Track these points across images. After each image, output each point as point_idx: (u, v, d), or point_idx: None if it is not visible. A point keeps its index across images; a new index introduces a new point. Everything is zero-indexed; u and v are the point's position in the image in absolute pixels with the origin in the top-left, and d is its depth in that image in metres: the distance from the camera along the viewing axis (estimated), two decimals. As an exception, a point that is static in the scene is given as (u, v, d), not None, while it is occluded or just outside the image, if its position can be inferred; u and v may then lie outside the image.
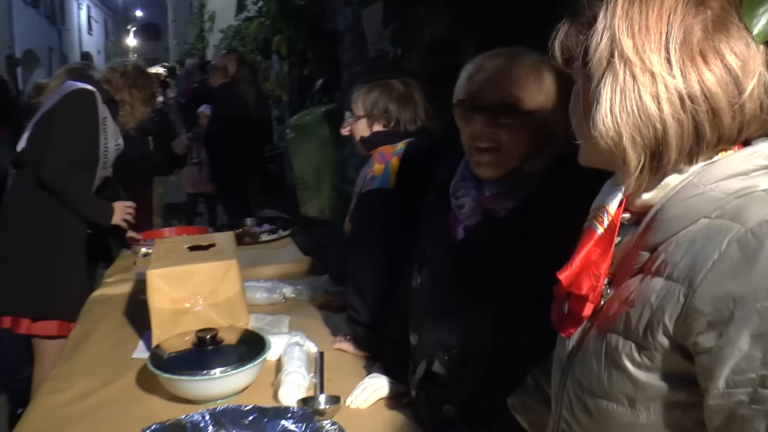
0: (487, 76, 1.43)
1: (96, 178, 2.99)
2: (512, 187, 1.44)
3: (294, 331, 2.13)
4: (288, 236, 3.45)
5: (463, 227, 1.52)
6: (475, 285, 1.46)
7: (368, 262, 2.02)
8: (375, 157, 2.16)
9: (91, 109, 2.88)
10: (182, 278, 2.02)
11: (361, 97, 2.19)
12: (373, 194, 2.08)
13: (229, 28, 12.45)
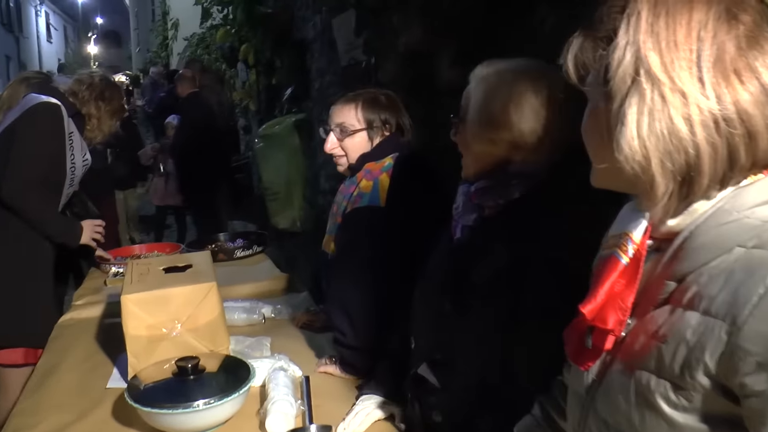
0: (473, 86, 1.50)
1: (63, 196, 2.85)
2: (495, 185, 1.45)
3: (276, 354, 2.05)
4: (262, 251, 3.36)
5: (460, 228, 1.53)
6: (463, 290, 1.44)
7: (357, 283, 1.94)
8: (360, 174, 2.09)
9: (57, 125, 2.71)
10: (159, 303, 1.92)
11: (353, 110, 2.10)
12: (362, 212, 2.00)
13: (193, 36, 12.34)
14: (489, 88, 1.44)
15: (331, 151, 2.15)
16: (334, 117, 2.14)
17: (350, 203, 2.06)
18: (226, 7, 7.02)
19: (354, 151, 2.11)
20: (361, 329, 1.92)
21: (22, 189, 2.62)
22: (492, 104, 1.42)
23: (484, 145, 1.46)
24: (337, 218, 2.14)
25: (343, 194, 2.16)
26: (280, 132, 5.39)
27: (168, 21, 14.82)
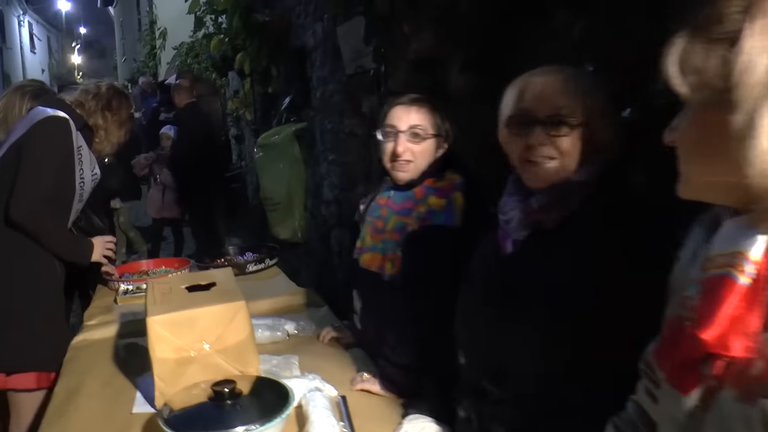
0: (539, 90, 1.46)
1: (72, 212, 2.78)
2: (559, 198, 1.43)
3: (307, 373, 1.99)
4: (275, 265, 3.29)
5: (511, 241, 1.51)
6: (523, 299, 1.42)
7: (419, 301, 1.87)
8: (420, 191, 2.01)
9: (65, 140, 2.63)
10: (186, 324, 1.86)
11: (429, 114, 2.03)
12: (436, 231, 1.91)
13: (181, 45, 12.23)
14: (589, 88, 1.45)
15: (403, 155, 2.01)
16: (405, 119, 2.02)
17: (415, 220, 1.97)
18: (219, 15, 6.93)
19: (422, 159, 2.02)
20: (414, 348, 1.86)
21: (32, 209, 2.53)
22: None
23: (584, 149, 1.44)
24: (391, 235, 2.04)
25: (394, 210, 2.07)
26: (279, 141, 5.32)
27: (156, 30, 14.69)
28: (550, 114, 1.43)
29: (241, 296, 1.95)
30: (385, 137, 2.06)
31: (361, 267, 2.13)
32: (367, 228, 2.18)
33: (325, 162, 4.78)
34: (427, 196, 1.99)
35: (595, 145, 1.44)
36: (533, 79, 1.49)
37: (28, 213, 2.53)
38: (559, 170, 1.44)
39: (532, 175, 1.48)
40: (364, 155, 4.03)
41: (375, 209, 2.18)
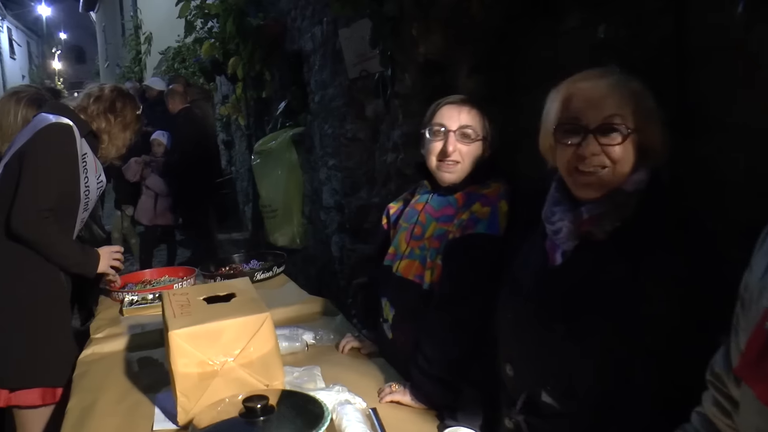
0: (587, 96, 1.43)
1: (77, 221, 2.68)
2: (611, 208, 1.40)
3: (333, 385, 1.93)
4: (282, 272, 3.23)
5: (560, 252, 1.48)
6: (578, 311, 1.39)
7: (464, 313, 1.83)
8: (462, 197, 1.97)
9: (69, 148, 2.54)
10: (210, 337, 1.80)
11: (480, 116, 2.00)
12: (480, 239, 1.86)
13: (167, 49, 12.13)
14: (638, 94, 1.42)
15: (452, 154, 1.97)
16: (455, 118, 1.99)
17: (458, 227, 1.92)
18: (210, 20, 6.86)
19: (469, 161, 1.98)
20: (453, 360, 1.81)
21: (35, 220, 2.44)
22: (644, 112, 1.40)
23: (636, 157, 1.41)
24: (431, 242, 1.98)
25: (433, 216, 2.02)
26: (276, 147, 5.26)
27: (141, 35, 14.57)
28: (601, 122, 1.40)
29: (265, 308, 1.90)
30: (433, 136, 2.01)
31: (395, 275, 2.07)
32: (402, 234, 2.12)
33: (324, 167, 4.72)
34: (470, 202, 1.94)
35: (646, 152, 1.41)
36: (579, 84, 1.45)
37: (29, 224, 2.44)
38: (611, 179, 1.41)
39: (583, 184, 1.45)
40: (367, 160, 3.98)
41: (411, 215, 2.12)
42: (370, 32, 3.23)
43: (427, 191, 2.11)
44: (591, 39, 2.18)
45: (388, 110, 3.49)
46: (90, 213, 2.94)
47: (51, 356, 2.52)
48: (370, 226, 4.03)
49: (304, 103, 5.24)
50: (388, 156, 3.59)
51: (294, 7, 5.22)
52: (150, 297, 2.96)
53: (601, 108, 1.40)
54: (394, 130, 3.47)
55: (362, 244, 4.16)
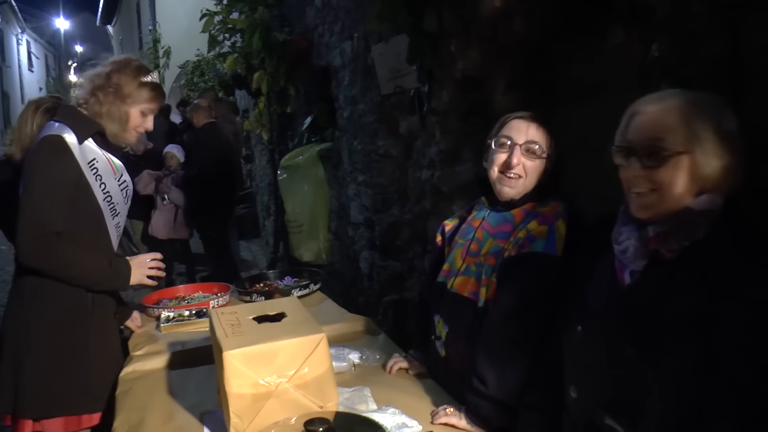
0: (642, 119, 1.43)
1: (111, 229, 2.49)
2: (678, 227, 1.38)
3: (386, 407, 1.91)
4: (319, 290, 3.20)
5: (629, 272, 1.47)
6: (649, 333, 1.36)
7: (520, 334, 1.81)
8: (519, 214, 1.96)
9: (62, 161, 2.30)
10: (265, 358, 1.78)
11: (547, 133, 1.99)
12: (536, 259, 1.84)
13: (186, 63, 12.21)
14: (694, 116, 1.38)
15: (516, 167, 1.96)
16: (523, 133, 1.98)
17: (514, 245, 1.90)
18: (234, 34, 6.89)
19: (531, 177, 1.98)
20: (510, 382, 1.79)
21: (42, 249, 2.29)
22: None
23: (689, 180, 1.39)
24: (486, 259, 1.97)
25: (490, 233, 2.01)
26: (303, 162, 5.25)
27: (159, 49, 14.66)
28: (645, 145, 1.40)
29: (320, 328, 1.88)
30: (499, 147, 2.01)
31: (449, 291, 2.05)
32: (458, 250, 2.10)
33: (353, 183, 4.70)
34: (527, 220, 1.92)
35: (705, 174, 1.38)
36: (640, 107, 1.45)
37: (32, 254, 2.29)
38: (660, 202, 1.40)
39: (634, 205, 1.45)
40: (399, 177, 3.96)
41: (468, 231, 2.11)
42: (407, 48, 3.21)
43: (484, 207, 2.10)
44: (636, 56, 2.17)
45: (424, 126, 3.47)
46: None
47: (73, 384, 2.40)
48: (402, 243, 4.00)
49: (331, 119, 5.24)
50: (422, 173, 3.56)
51: (321, 22, 5.22)
52: (186, 313, 2.93)
53: (649, 131, 1.40)
54: (431, 146, 3.45)
55: (393, 261, 4.14)
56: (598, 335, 1.47)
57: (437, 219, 3.00)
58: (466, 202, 2.19)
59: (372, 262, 4.50)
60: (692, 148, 1.36)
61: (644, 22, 2.10)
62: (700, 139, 1.36)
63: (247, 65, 6.57)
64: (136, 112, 2.49)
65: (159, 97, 2.54)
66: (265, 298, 2.97)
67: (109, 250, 2.51)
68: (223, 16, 6.72)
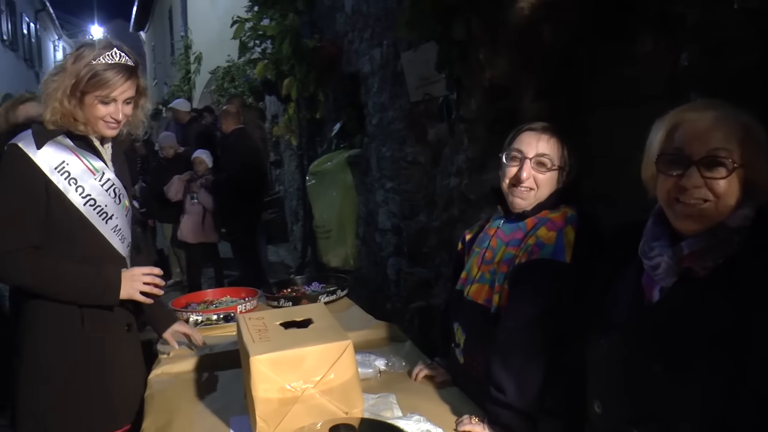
0: (694, 128, 1.40)
1: (109, 234, 2.26)
2: (714, 245, 1.36)
3: (411, 414, 1.91)
4: (346, 296, 3.22)
5: (658, 289, 1.45)
6: (677, 351, 1.35)
7: (529, 339, 1.81)
8: (531, 221, 1.96)
9: (19, 172, 2.13)
10: (292, 363, 1.79)
11: (560, 145, 1.99)
12: (545, 265, 1.85)
13: (216, 69, 12.33)
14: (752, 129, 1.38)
15: (525, 181, 1.98)
16: (533, 146, 1.99)
17: (524, 252, 1.91)
18: (264, 41, 6.96)
19: (544, 189, 1.98)
20: (527, 389, 1.79)
21: (10, 266, 2.13)
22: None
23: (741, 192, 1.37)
24: (499, 267, 1.98)
25: (504, 241, 2.02)
26: (332, 168, 5.28)
27: (191, 55, 14.84)
28: (705, 155, 1.36)
29: (346, 335, 1.89)
30: (509, 161, 2.02)
31: (466, 299, 2.07)
32: (474, 259, 2.12)
33: (381, 189, 4.72)
34: (537, 226, 1.94)
35: (753, 188, 1.37)
36: (686, 115, 1.42)
37: (7, 272, 2.16)
38: (712, 213, 1.37)
39: (682, 216, 1.41)
40: (427, 184, 3.97)
41: (484, 239, 2.13)
42: (436, 56, 3.23)
43: (500, 216, 2.12)
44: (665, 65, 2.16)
45: (452, 134, 3.47)
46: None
47: (94, 403, 2.28)
48: (429, 250, 4.01)
49: (360, 125, 5.26)
50: (450, 180, 3.57)
51: (351, 29, 5.25)
52: (214, 318, 2.96)
53: (707, 140, 1.36)
54: (459, 154, 3.45)
55: (420, 268, 4.14)
56: (624, 350, 1.46)
57: (464, 226, 3.01)
58: (494, 210, 2.20)
59: (399, 268, 4.51)
60: (750, 161, 1.36)
61: (673, 31, 2.09)
62: (758, 153, 1.36)
63: (277, 71, 6.63)
64: (91, 101, 2.16)
65: (109, 83, 2.16)
66: (292, 304, 2.99)
67: (111, 257, 2.30)
68: (253, 23, 6.80)
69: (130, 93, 2.21)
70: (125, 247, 2.34)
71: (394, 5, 4.21)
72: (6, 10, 20.17)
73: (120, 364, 2.35)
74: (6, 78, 18.60)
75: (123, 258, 2.34)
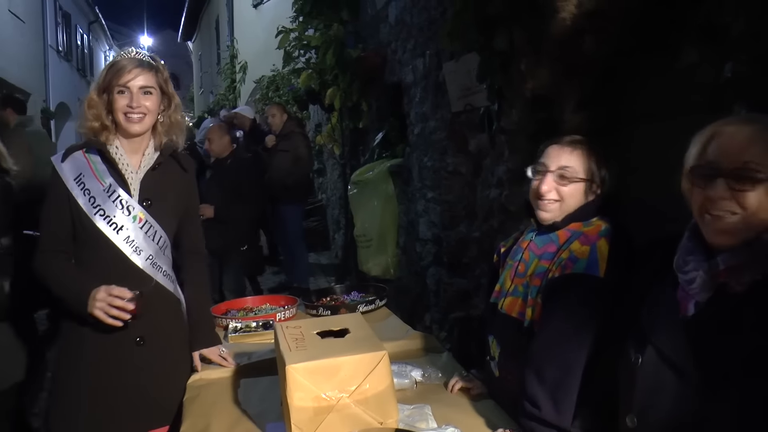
0: (727, 140, 1.39)
1: (122, 244, 2.31)
2: (752, 259, 1.34)
3: (445, 426, 1.90)
4: (385, 305, 3.22)
5: (693, 303, 1.44)
6: (712, 366, 1.34)
7: (563, 354, 1.79)
8: (563, 234, 1.96)
9: (52, 183, 2.32)
10: (327, 372, 1.81)
11: (583, 157, 1.99)
12: (579, 280, 1.83)
13: (261, 78, 12.48)
14: None
15: (546, 194, 1.99)
16: (556, 159, 2.00)
17: (557, 266, 1.90)
18: (308, 51, 7.03)
19: (570, 201, 1.98)
20: (563, 405, 1.77)
21: (39, 263, 2.29)
22: None
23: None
24: (532, 280, 1.97)
25: (536, 254, 2.01)
26: (374, 178, 5.30)
27: (236, 64, 15.05)
28: (735, 167, 1.35)
29: (382, 345, 1.90)
30: (534, 175, 2.05)
31: (500, 312, 2.07)
32: (508, 272, 2.12)
33: (422, 199, 4.72)
34: (570, 240, 1.92)
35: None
36: (722, 128, 1.41)
37: (35, 267, 2.31)
38: (741, 226, 1.36)
39: (711, 228, 1.41)
40: (468, 194, 3.96)
41: (517, 252, 2.13)
42: (478, 66, 3.22)
43: (533, 229, 2.12)
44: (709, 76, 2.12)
45: (493, 145, 3.46)
46: None
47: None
48: (469, 260, 3.99)
49: (402, 135, 5.27)
50: (491, 191, 3.56)
51: (395, 39, 5.27)
52: (254, 325, 2.99)
53: (739, 153, 1.35)
54: (499, 165, 3.44)
55: (460, 278, 4.13)
56: (659, 365, 1.45)
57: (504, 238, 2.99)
58: (534, 222, 2.20)
59: (439, 278, 4.50)
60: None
61: (717, 42, 2.06)
62: None
63: (321, 81, 6.70)
64: (112, 96, 2.29)
65: (122, 69, 2.29)
66: (331, 312, 3.00)
67: (129, 269, 2.32)
68: (298, 33, 6.88)
69: (143, 82, 2.30)
70: (143, 260, 2.34)
71: (437, 15, 4.22)
72: (62, 23, 20.80)
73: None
74: (60, 87, 19.21)
75: (141, 270, 2.34)
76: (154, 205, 2.38)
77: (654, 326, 1.51)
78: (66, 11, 21.49)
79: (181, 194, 2.50)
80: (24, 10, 16.31)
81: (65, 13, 21.35)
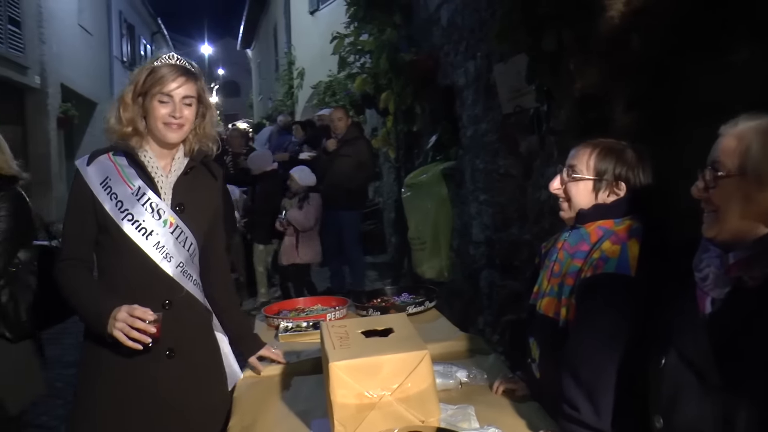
0: (721, 141, 1.45)
1: (151, 251, 2.22)
2: (760, 253, 1.35)
3: (487, 426, 1.91)
4: (434, 307, 3.23)
5: (710, 300, 1.45)
6: (733, 363, 1.34)
7: (599, 355, 1.78)
8: (595, 232, 1.95)
9: (74, 190, 2.26)
10: (370, 371, 1.83)
11: (587, 155, 2.02)
12: (611, 279, 1.82)
13: (318, 84, 12.61)
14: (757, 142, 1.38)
15: (554, 191, 2.06)
16: (570, 158, 2.05)
17: (589, 266, 1.89)
18: (363, 55, 7.09)
19: (578, 198, 2.01)
20: (602, 407, 1.75)
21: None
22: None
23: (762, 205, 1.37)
24: (566, 279, 1.97)
25: (569, 253, 2.00)
26: (427, 181, 5.32)
27: (294, 70, 15.24)
28: (708, 165, 1.43)
29: (424, 345, 1.91)
30: (559, 173, 2.10)
31: (538, 313, 2.07)
32: (545, 272, 2.11)
33: (475, 202, 4.71)
34: (602, 239, 1.91)
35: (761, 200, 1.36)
36: (727, 129, 1.46)
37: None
38: (718, 222, 1.41)
39: (703, 222, 1.47)
40: (519, 196, 3.94)
41: (552, 252, 2.12)
42: (527, 67, 3.21)
43: (567, 229, 2.11)
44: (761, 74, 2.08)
45: (543, 146, 3.44)
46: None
47: None
48: (521, 263, 3.97)
49: (455, 138, 5.28)
50: (541, 193, 3.54)
51: (447, 41, 5.29)
52: (304, 325, 3.03)
53: (715, 150, 1.43)
54: (549, 166, 3.42)
55: (512, 281, 4.11)
56: (682, 365, 1.46)
57: (555, 240, 2.99)
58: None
59: (491, 281, 4.49)
60: (746, 172, 1.36)
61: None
62: (757, 165, 1.35)
63: (376, 85, 6.75)
64: (151, 103, 2.21)
65: (165, 77, 2.21)
66: (380, 313, 3.02)
67: (157, 276, 2.24)
68: (352, 38, 6.94)
69: (186, 92, 2.23)
70: (173, 267, 2.25)
71: (488, 17, 4.22)
72: (127, 34, 21.54)
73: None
74: (122, 95, 19.79)
75: (171, 279, 2.26)
76: (187, 210, 2.31)
77: (676, 327, 1.52)
78: (130, 23, 22.26)
79: (212, 201, 2.45)
80: (91, 23, 16.92)
81: (129, 25, 22.11)
